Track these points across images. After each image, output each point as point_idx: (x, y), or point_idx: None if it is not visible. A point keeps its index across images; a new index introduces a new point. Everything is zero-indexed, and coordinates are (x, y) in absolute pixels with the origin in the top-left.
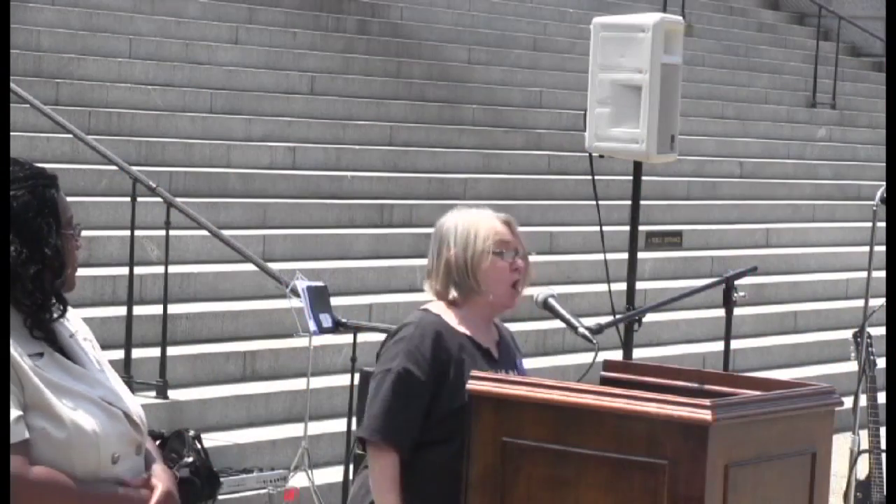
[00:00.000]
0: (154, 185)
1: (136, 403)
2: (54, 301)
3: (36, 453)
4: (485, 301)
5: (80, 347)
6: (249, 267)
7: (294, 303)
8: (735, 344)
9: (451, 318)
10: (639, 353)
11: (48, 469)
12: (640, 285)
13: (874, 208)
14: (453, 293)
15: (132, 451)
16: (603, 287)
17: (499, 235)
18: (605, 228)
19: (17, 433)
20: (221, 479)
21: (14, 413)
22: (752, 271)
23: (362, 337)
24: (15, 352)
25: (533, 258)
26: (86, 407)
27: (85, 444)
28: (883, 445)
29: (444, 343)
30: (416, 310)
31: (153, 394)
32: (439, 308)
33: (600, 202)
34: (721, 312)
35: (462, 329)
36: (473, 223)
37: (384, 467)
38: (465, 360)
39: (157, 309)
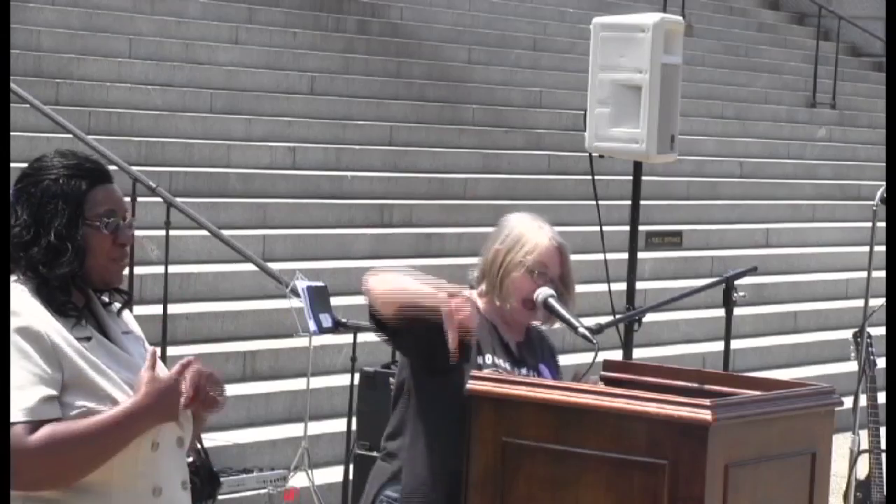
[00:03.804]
0: (154, 185)
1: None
2: (110, 291)
3: None
4: (501, 307)
5: (128, 343)
6: (249, 267)
7: (294, 303)
8: (735, 344)
9: (481, 305)
10: (639, 353)
11: (47, 427)
12: (640, 285)
13: (874, 208)
14: (482, 286)
15: (173, 442)
16: (603, 287)
17: (542, 256)
18: (605, 228)
19: (47, 411)
20: (221, 479)
21: (45, 392)
22: (752, 271)
23: (362, 337)
24: (59, 333)
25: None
26: (129, 393)
27: None
28: (883, 445)
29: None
30: None
31: None
32: (472, 295)
33: (600, 202)
34: (721, 312)
35: (490, 317)
36: (527, 232)
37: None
38: (480, 341)
39: (157, 309)
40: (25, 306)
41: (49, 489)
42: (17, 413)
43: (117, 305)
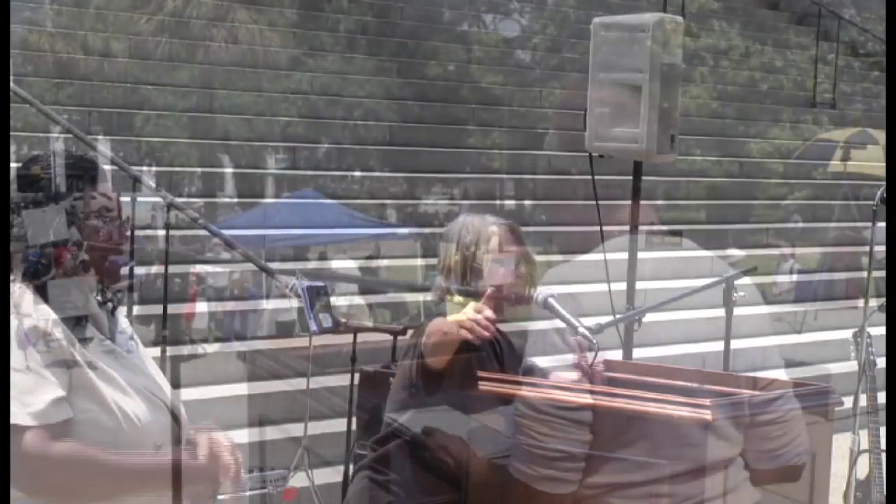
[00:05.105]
0: (154, 185)
1: (178, 398)
2: (105, 290)
3: (85, 435)
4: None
5: (124, 342)
6: (249, 267)
7: (294, 303)
8: (735, 344)
9: None
10: (639, 353)
11: (74, 444)
12: (640, 285)
13: (874, 208)
14: (458, 297)
15: (173, 443)
16: (603, 287)
17: (500, 244)
18: (605, 228)
19: (56, 414)
20: (221, 479)
21: (55, 394)
22: (752, 271)
23: (362, 337)
24: (64, 334)
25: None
26: (130, 394)
27: (131, 431)
28: (883, 445)
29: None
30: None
31: None
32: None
33: (600, 202)
34: (721, 312)
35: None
36: (475, 231)
37: None
38: (483, 356)
39: (157, 309)
40: (31, 307)
41: (48, 499)
42: (26, 417)
43: (110, 305)
